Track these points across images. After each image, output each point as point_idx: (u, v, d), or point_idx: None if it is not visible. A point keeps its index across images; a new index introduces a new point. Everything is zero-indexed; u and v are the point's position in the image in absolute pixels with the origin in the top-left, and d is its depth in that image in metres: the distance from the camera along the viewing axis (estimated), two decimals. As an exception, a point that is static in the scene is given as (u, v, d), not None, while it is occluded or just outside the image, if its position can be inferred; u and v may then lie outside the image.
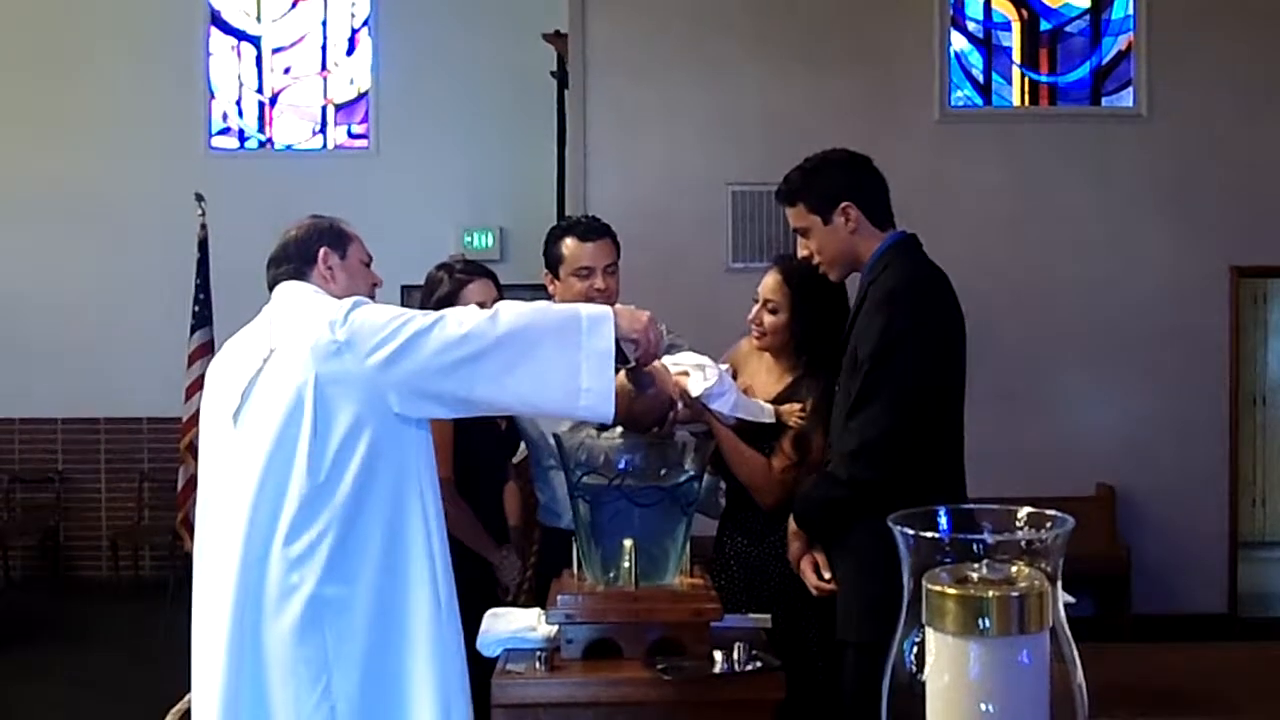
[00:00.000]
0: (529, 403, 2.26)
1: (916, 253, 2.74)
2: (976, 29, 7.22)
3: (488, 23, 8.30)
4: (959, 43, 7.17)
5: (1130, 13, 7.11)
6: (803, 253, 2.83)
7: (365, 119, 8.71)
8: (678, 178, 6.84)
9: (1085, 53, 7.20)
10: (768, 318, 3.00)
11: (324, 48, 8.79)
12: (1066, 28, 7.23)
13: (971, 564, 0.97)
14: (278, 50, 8.80)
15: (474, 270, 3.29)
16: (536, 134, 7.91)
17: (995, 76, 7.22)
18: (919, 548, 0.98)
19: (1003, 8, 7.24)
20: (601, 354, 2.13)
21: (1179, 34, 6.95)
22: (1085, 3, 7.20)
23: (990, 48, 7.23)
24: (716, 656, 2.33)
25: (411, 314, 2.14)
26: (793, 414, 2.94)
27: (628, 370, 2.35)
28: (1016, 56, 7.24)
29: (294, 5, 8.79)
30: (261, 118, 8.78)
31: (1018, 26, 7.25)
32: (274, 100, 8.79)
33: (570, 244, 3.12)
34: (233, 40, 8.75)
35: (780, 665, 2.36)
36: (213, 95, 8.69)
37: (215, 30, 8.70)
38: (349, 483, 2.10)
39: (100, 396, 8.28)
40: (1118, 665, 2.51)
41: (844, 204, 2.71)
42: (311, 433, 2.08)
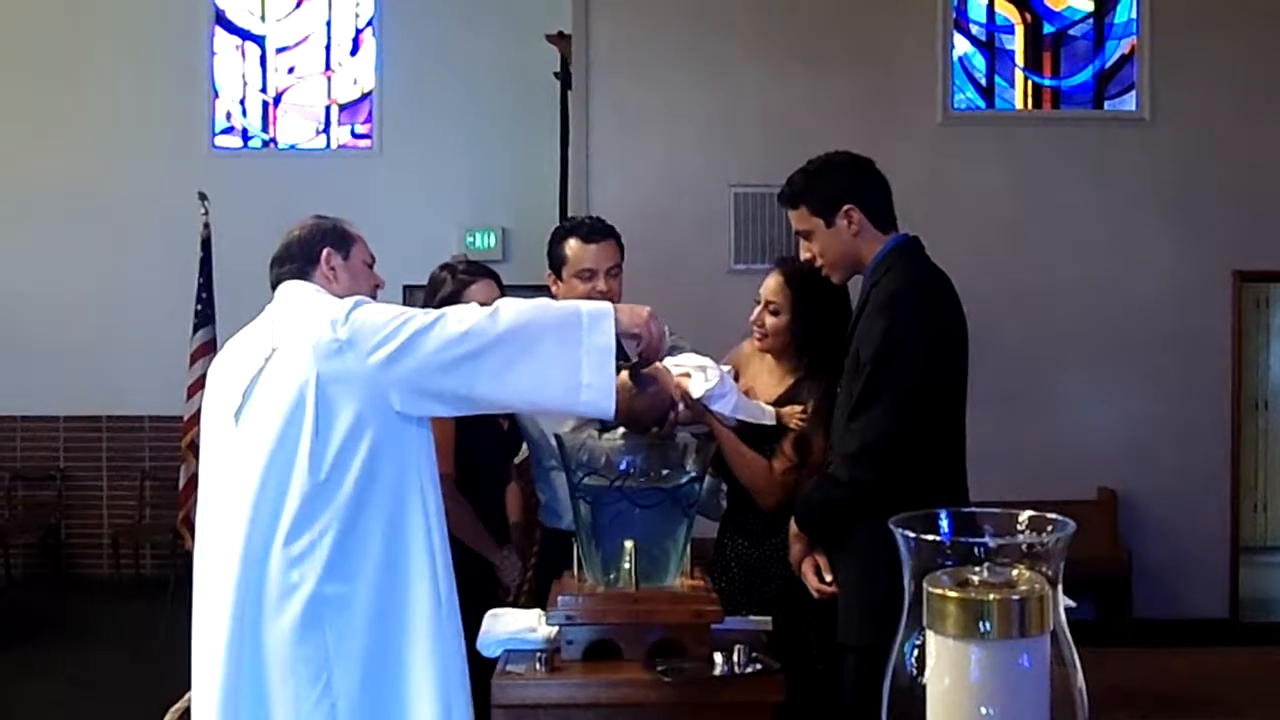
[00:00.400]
0: (530, 399, 2.25)
1: (919, 255, 2.73)
2: (979, 31, 7.22)
3: (491, 23, 8.31)
4: (962, 45, 7.17)
5: (1133, 17, 7.11)
6: (805, 255, 2.83)
7: (369, 119, 8.71)
8: (680, 179, 6.84)
9: (1088, 56, 7.20)
10: (769, 319, 2.99)
11: (328, 47, 8.80)
12: (1070, 31, 7.23)
13: (972, 567, 0.97)
14: (282, 50, 8.80)
15: (477, 270, 3.29)
16: (539, 134, 7.93)
17: (998, 79, 7.22)
18: (920, 550, 0.98)
19: (1006, 10, 7.24)
20: (602, 349, 2.13)
21: (1182, 38, 6.95)
22: (1088, 6, 7.20)
23: (993, 50, 7.23)
24: (717, 658, 2.33)
25: (412, 312, 2.14)
26: (794, 416, 2.94)
27: (629, 368, 2.35)
28: (1019, 59, 7.24)
29: (298, 5, 8.80)
30: (265, 117, 8.79)
31: (1020, 29, 7.25)
32: (278, 100, 8.79)
33: (573, 245, 3.11)
34: (237, 40, 8.76)
35: (780, 668, 2.36)
36: (217, 94, 8.70)
37: (219, 29, 8.71)
38: (350, 481, 2.10)
39: (102, 395, 8.29)
40: (1119, 669, 2.51)
41: (847, 206, 2.70)
42: (313, 432, 2.08)
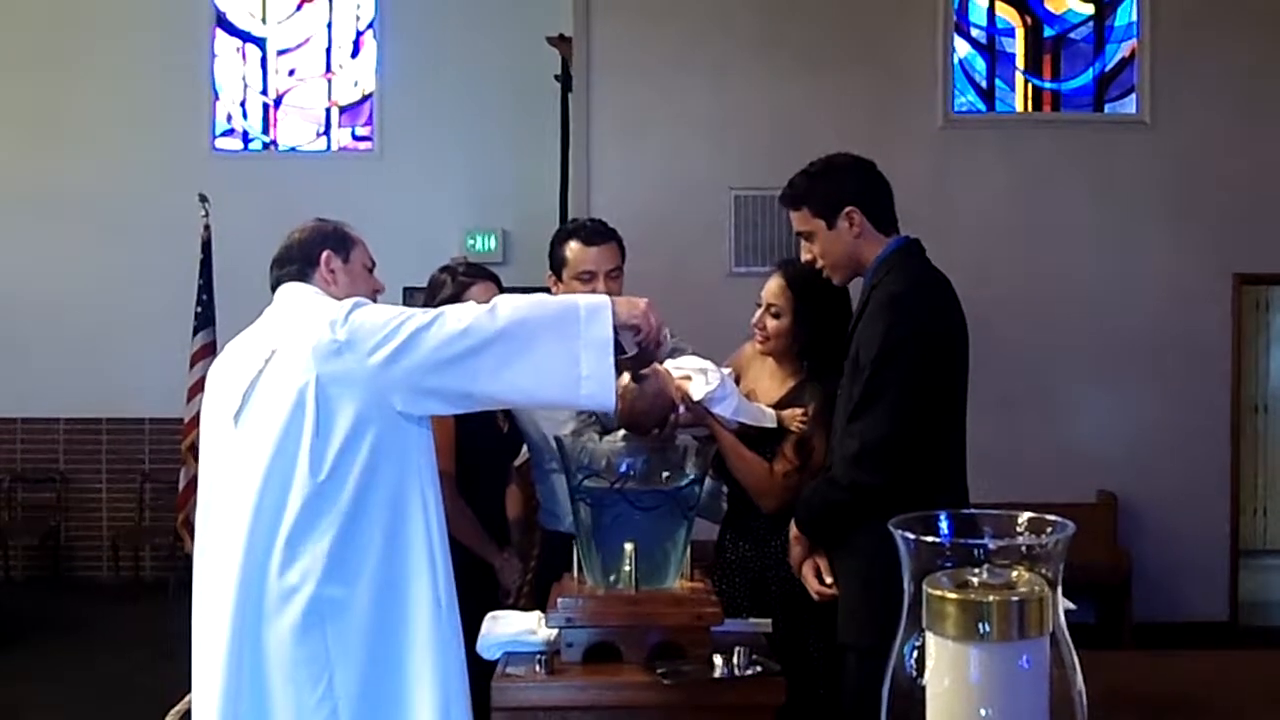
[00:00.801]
0: (530, 393, 2.24)
1: (920, 258, 2.74)
2: (980, 34, 7.22)
3: (492, 26, 8.31)
4: (962, 48, 7.18)
5: (1134, 20, 7.11)
6: (806, 257, 2.82)
7: (369, 121, 8.72)
8: (681, 181, 6.84)
9: (1089, 59, 7.21)
10: (770, 322, 2.99)
11: (329, 50, 8.80)
12: (1070, 34, 7.24)
13: (972, 569, 0.97)
14: (282, 52, 8.81)
15: (477, 272, 3.29)
16: (540, 137, 7.93)
17: (999, 82, 7.22)
18: (920, 552, 0.98)
19: (1006, 14, 7.25)
20: (600, 342, 2.12)
21: (1183, 41, 6.95)
22: (1089, 9, 7.20)
23: (994, 53, 7.23)
24: (716, 661, 2.33)
25: (411, 312, 2.14)
26: (795, 418, 2.94)
27: (628, 361, 2.34)
28: (1020, 62, 7.24)
29: (299, 7, 8.80)
30: (266, 119, 8.79)
31: (1021, 32, 7.25)
32: (278, 102, 8.80)
33: (574, 247, 3.12)
34: (238, 42, 8.76)
35: (780, 670, 2.36)
36: (217, 96, 8.70)
37: (220, 31, 8.71)
38: (351, 483, 2.10)
39: (102, 397, 8.29)
40: (1118, 672, 2.51)
41: (848, 208, 2.71)
42: (313, 433, 2.08)
